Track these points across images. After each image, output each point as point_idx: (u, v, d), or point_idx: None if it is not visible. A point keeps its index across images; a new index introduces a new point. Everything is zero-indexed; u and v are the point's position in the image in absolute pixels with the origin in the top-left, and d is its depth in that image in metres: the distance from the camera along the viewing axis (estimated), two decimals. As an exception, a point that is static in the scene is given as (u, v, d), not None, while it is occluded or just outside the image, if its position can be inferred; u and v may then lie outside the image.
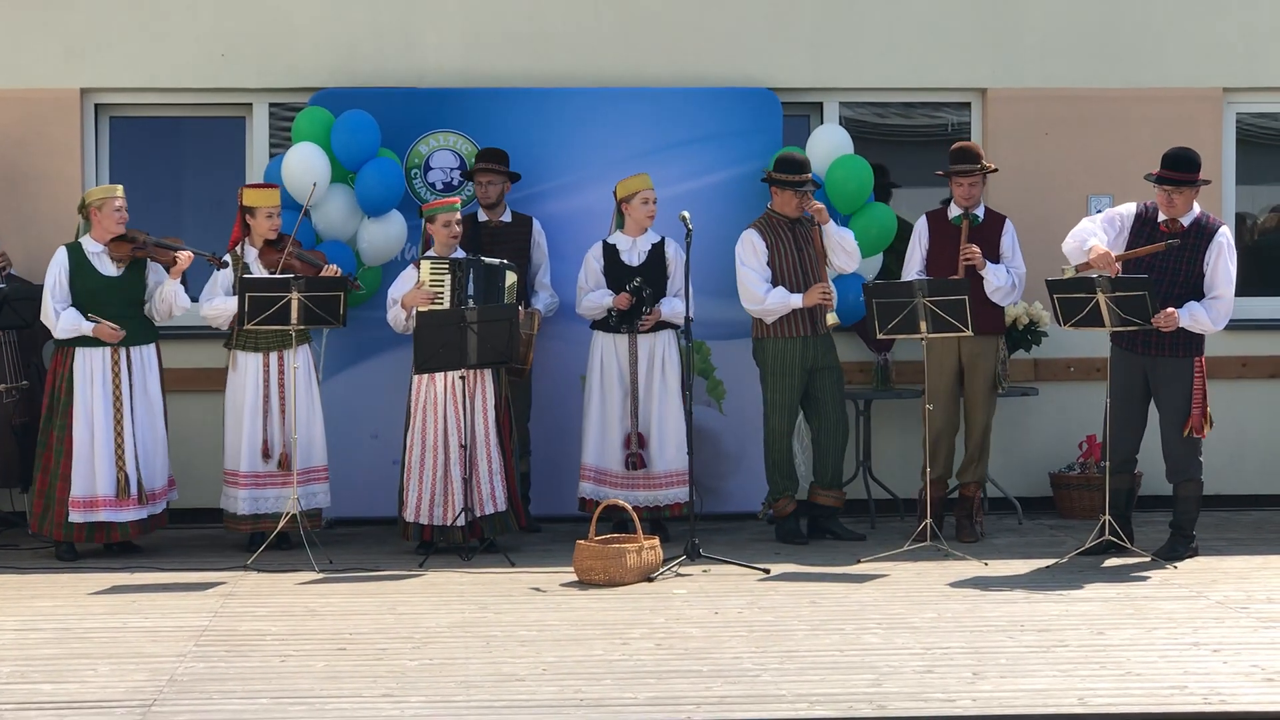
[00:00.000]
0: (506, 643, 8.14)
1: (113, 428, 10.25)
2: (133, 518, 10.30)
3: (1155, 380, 10.16)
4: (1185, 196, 10.14)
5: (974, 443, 10.91)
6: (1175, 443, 10.17)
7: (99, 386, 10.25)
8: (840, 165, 11.36)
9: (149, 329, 10.49)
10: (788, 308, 10.56)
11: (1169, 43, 12.00)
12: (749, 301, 10.61)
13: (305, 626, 8.52)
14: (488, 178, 11.06)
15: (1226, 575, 9.69)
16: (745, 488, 11.46)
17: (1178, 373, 10.12)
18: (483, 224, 11.12)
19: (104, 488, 10.22)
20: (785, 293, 10.56)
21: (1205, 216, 10.22)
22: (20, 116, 11.49)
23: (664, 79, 11.75)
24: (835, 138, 11.54)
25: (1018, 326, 11.39)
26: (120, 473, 10.24)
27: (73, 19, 11.55)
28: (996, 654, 7.88)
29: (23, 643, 8.22)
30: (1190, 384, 10.10)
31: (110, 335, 10.21)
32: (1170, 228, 10.15)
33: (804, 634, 8.29)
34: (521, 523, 10.60)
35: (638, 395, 10.76)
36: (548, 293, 11.15)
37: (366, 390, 11.28)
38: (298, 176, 10.86)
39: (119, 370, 10.28)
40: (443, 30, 11.72)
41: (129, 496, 10.25)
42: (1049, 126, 11.96)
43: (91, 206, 10.33)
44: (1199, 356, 10.14)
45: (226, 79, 11.66)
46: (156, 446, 10.43)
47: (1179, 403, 10.12)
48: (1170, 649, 7.98)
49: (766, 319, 10.63)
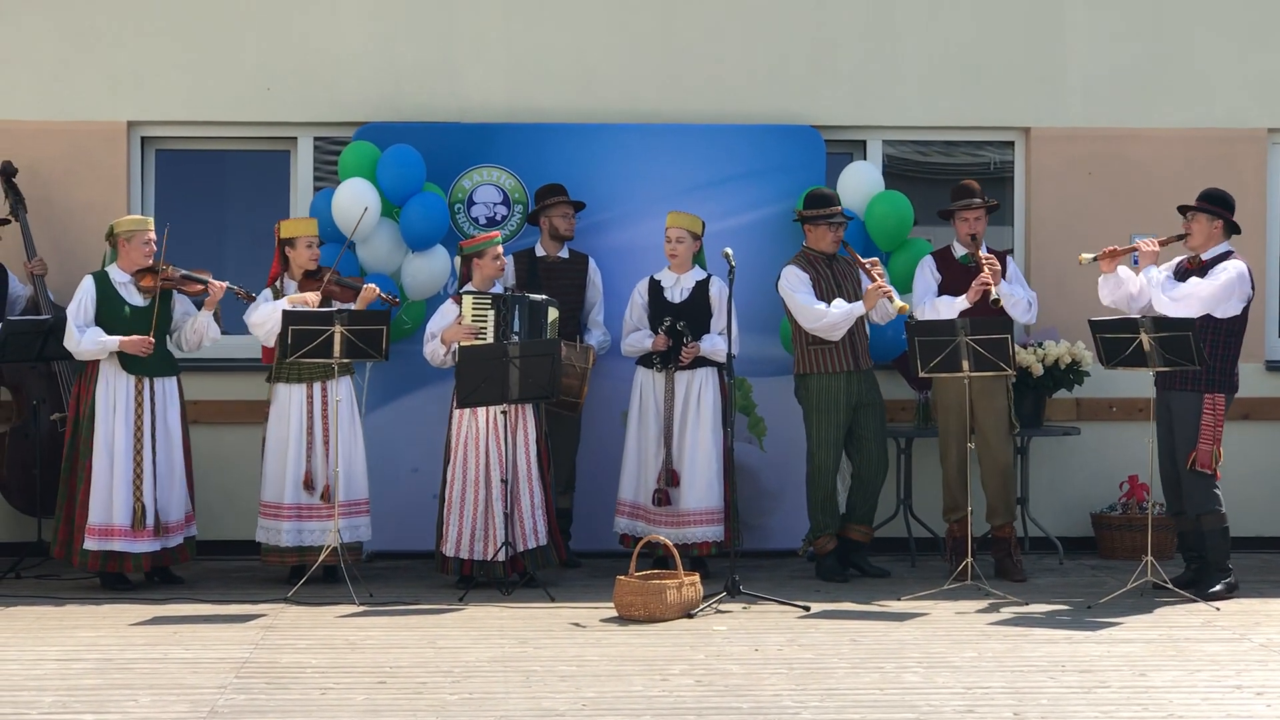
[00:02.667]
0: (546, 678, 8.13)
1: (132, 458, 10.26)
2: (146, 549, 10.29)
3: (1170, 414, 10.22)
4: (1201, 226, 10.26)
5: (993, 485, 10.82)
6: (1184, 476, 10.22)
7: (121, 416, 10.27)
8: (881, 201, 11.36)
9: (172, 362, 10.50)
10: (851, 316, 10.51)
11: (1214, 82, 11.98)
12: (811, 320, 10.55)
13: (345, 659, 8.53)
14: (568, 210, 11.11)
15: (1270, 618, 9.63)
16: (785, 525, 11.43)
17: (1187, 405, 10.17)
18: (540, 259, 11.15)
19: (120, 517, 10.22)
20: (844, 303, 10.54)
21: (1229, 253, 10.29)
22: (67, 148, 11.57)
23: (707, 115, 11.77)
24: (867, 175, 11.52)
25: (1060, 366, 11.36)
26: (137, 503, 10.24)
27: (120, 53, 11.64)
28: (1038, 694, 7.85)
29: (65, 673, 8.24)
30: (1199, 418, 10.11)
31: (141, 347, 10.21)
32: (1190, 263, 10.28)
33: (844, 672, 8.27)
34: (562, 557, 10.59)
35: (672, 431, 10.75)
36: (600, 330, 11.17)
37: (407, 424, 11.31)
38: (347, 210, 10.89)
39: (142, 400, 10.31)
40: (486, 65, 11.77)
41: (144, 528, 10.26)
42: (1092, 166, 11.94)
43: (120, 237, 10.38)
44: (1210, 393, 10.15)
45: (271, 113, 11.73)
46: (174, 479, 10.41)
47: (1188, 434, 10.16)
48: (1213, 692, 7.93)
49: (834, 334, 10.55)
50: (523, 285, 10.92)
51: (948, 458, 10.81)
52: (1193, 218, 10.32)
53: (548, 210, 11.13)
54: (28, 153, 11.45)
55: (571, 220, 11.14)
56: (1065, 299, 11.61)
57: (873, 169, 11.61)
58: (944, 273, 10.88)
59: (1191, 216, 10.33)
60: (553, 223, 11.12)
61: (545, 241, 11.18)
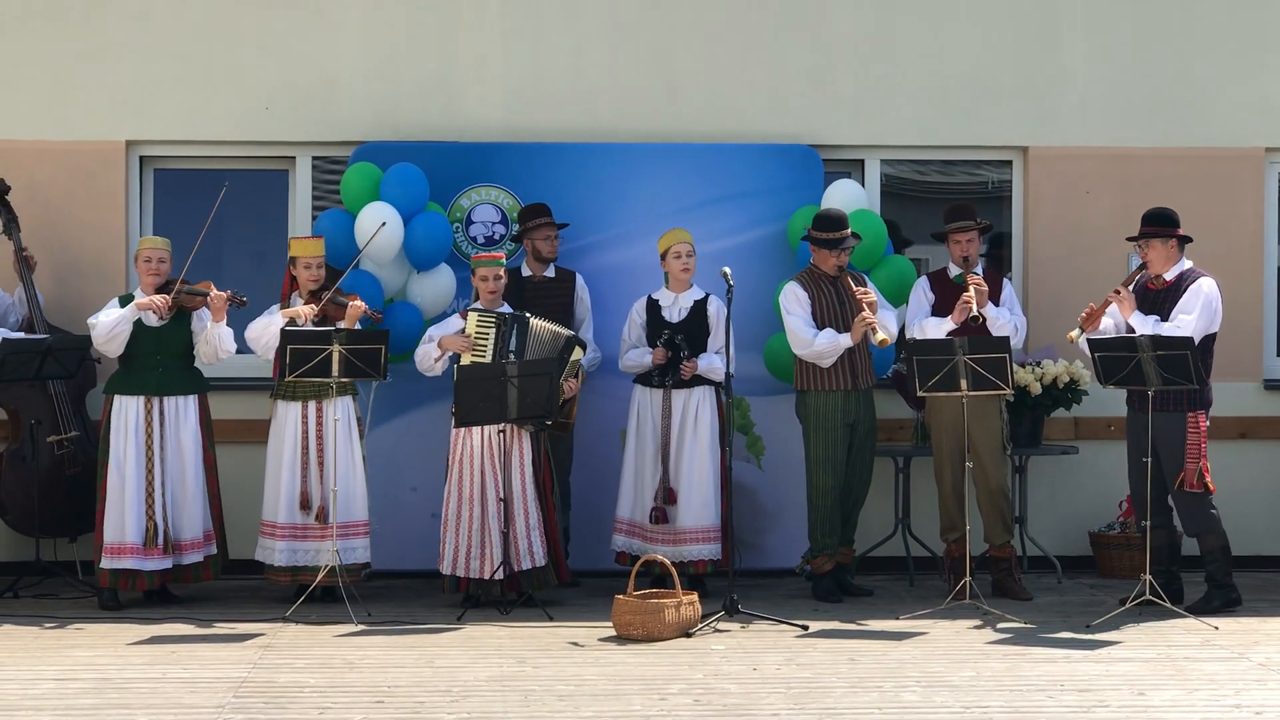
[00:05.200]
0: (545, 697, 8.13)
1: (144, 476, 10.29)
2: (157, 567, 10.31)
3: (1155, 436, 10.21)
4: (1158, 251, 10.34)
5: (988, 505, 10.81)
6: (1178, 497, 10.26)
7: (132, 435, 10.31)
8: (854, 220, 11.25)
9: (192, 380, 10.54)
10: (838, 347, 10.55)
11: (1211, 102, 12.00)
12: (799, 346, 10.60)
13: (343, 679, 8.52)
14: (550, 232, 11.12)
15: (1269, 637, 9.63)
16: (783, 544, 11.43)
17: (1170, 426, 10.19)
18: (527, 279, 11.16)
19: (132, 535, 10.25)
20: (833, 333, 10.56)
21: (1191, 271, 10.38)
22: (66, 168, 11.58)
23: (706, 135, 11.78)
24: (852, 193, 11.47)
25: (1058, 385, 11.36)
26: (149, 522, 10.27)
27: (118, 72, 11.65)
28: (1036, 713, 7.84)
29: (62, 692, 8.23)
30: (1183, 438, 10.14)
31: (157, 304, 10.27)
32: (1154, 284, 10.36)
33: (843, 691, 8.26)
34: (563, 577, 10.59)
35: (669, 449, 10.76)
36: (591, 348, 11.17)
37: (407, 443, 11.31)
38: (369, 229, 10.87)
39: (152, 419, 10.34)
40: (485, 85, 11.78)
41: (156, 546, 10.28)
42: (1090, 185, 11.96)
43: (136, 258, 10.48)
44: (1193, 412, 10.18)
45: (270, 132, 11.74)
46: (188, 498, 10.43)
47: (1174, 455, 10.19)
48: (1212, 711, 7.92)
49: (821, 362, 10.60)
50: (510, 305, 10.92)
51: (942, 478, 10.83)
52: (1147, 245, 10.38)
53: (530, 232, 11.14)
54: (26, 172, 11.46)
55: (554, 242, 11.14)
56: (1063, 318, 11.60)
57: (857, 187, 11.56)
58: (938, 293, 10.89)
59: (1145, 245, 10.39)
60: (535, 244, 11.13)
61: (530, 262, 11.19)
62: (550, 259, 11.16)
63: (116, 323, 10.29)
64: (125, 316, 10.30)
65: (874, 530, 11.50)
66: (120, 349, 10.37)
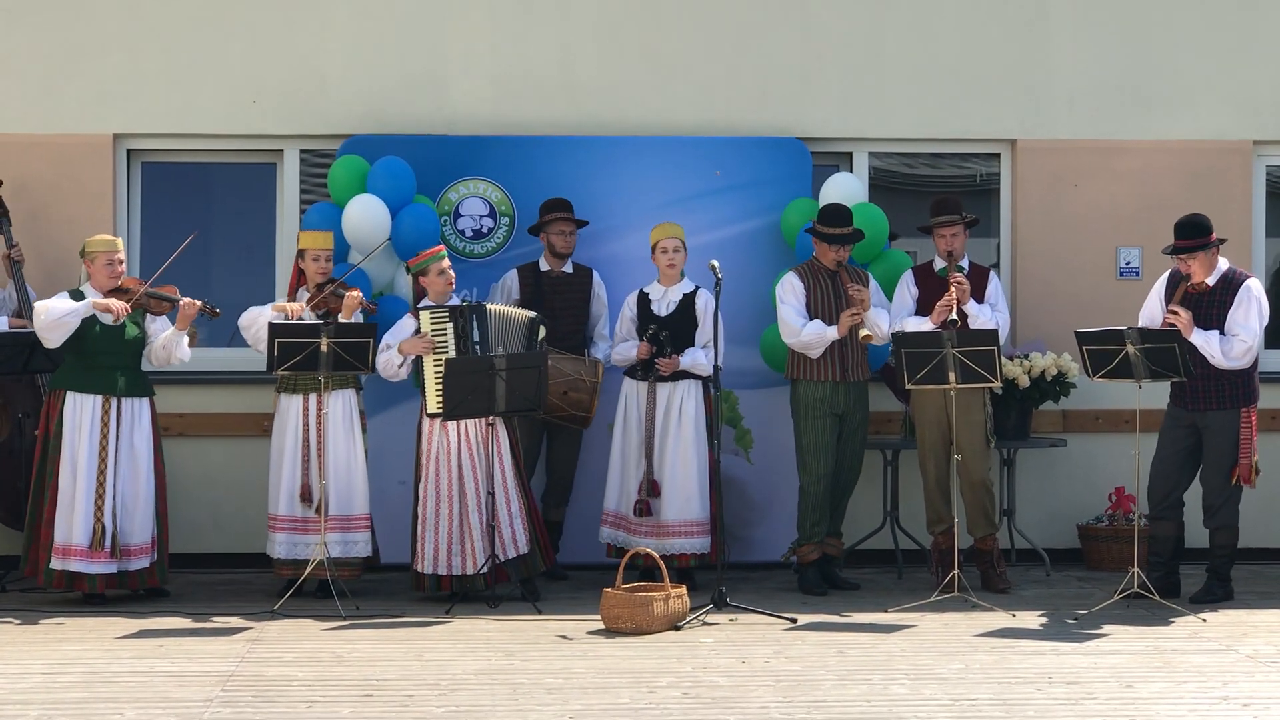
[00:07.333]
0: (533, 690, 8.12)
1: (95, 478, 10.17)
2: (102, 570, 10.20)
3: (1205, 433, 10.27)
4: (1201, 261, 10.22)
5: (973, 497, 10.81)
6: (1218, 490, 10.30)
7: (86, 435, 10.18)
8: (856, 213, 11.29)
9: (145, 382, 10.45)
10: (824, 339, 10.56)
11: (1199, 95, 12.01)
12: (787, 335, 10.63)
13: (332, 673, 8.51)
14: (567, 227, 11.10)
15: (1257, 629, 9.64)
16: (772, 537, 11.43)
17: (1225, 423, 10.24)
18: (545, 273, 11.15)
19: (79, 537, 10.13)
20: (821, 325, 10.57)
21: (1232, 271, 10.31)
22: (53, 161, 11.55)
23: (693, 128, 11.78)
24: (850, 187, 11.48)
25: (1045, 378, 11.37)
26: (97, 524, 10.16)
27: (105, 65, 11.63)
28: (1024, 706, 7.84)
29: (50, 686, 8.22)
30: (1237, 433, 10.19)
31: (115, 309, 10.09)
32: (1196, 289, 10.24)
33: (831, 684, 8.26)
34: (549, 562, 10.57)
35: (653, 442, 10.75)
36: (607, 343, 11.16)
37: (395, 437, 11.27)
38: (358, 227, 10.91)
39: (108, 420, 10.23)
40: (473, 78, 11.77)
41: (102, 549, 10.18)
42: (1078, 178, 11.96)
43: (88, 257, 10.34)
44: (1246, 408, 10.23)
45: (257, 125, 11.72)
46: (138, 502, 10.31)
47: (1227, 450, 10.23)
48: (1200, 703, 7.93)
49: (809, 353, 10.62)
50: (527, 300, 10.93)
51: (927, 470, 10.84)
52: (1189, 257, 10.22)
53: (545, 226, 11.13)
54: (13, 166, 11.43)
55: (569, 238, 11.13)
56: (1051, 311, 11.63)
57: (855, 181, 11.60)
58: (922, 288, 10.88)
59: (1187, 257, 10.23)
60: (550, 239, 11.12)
61: (548, 256, 11.19)
62: (565, 254, 11.15)
63: (68, 314, 10.04)
64: (78, 311, 10.08)
65: (863, 523, 11.51)
66: (59, 341, 10.10)
